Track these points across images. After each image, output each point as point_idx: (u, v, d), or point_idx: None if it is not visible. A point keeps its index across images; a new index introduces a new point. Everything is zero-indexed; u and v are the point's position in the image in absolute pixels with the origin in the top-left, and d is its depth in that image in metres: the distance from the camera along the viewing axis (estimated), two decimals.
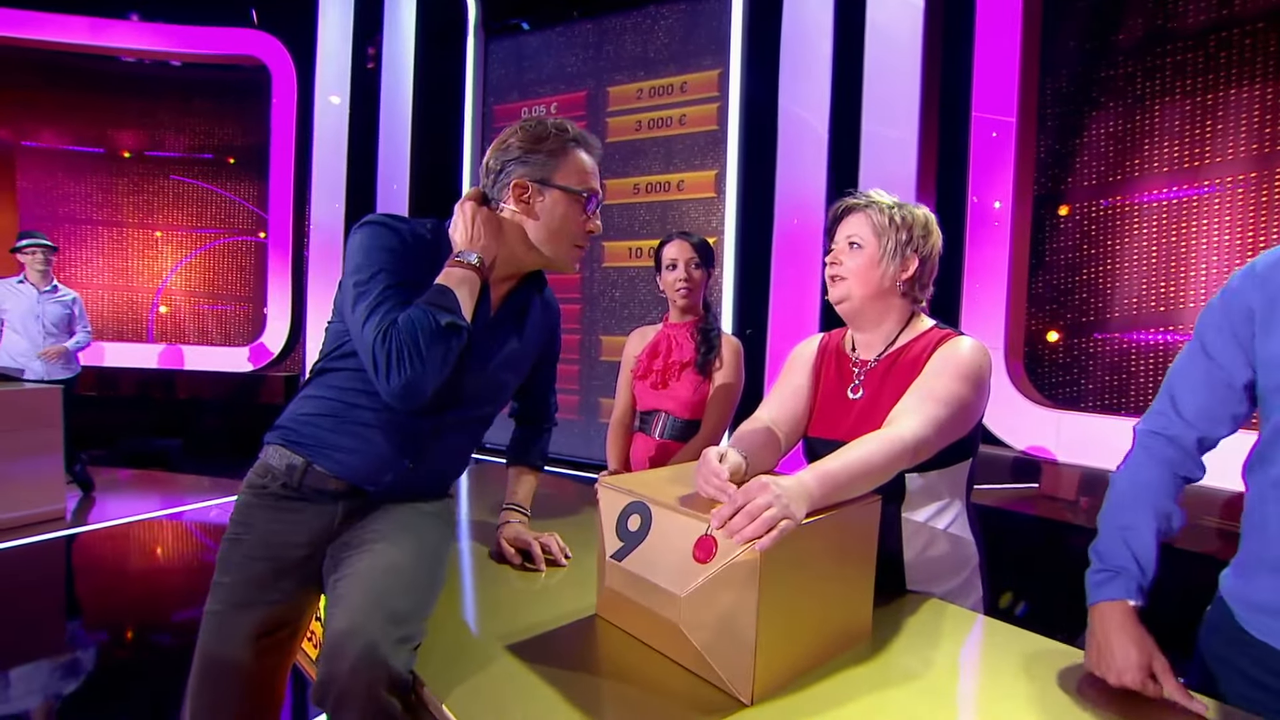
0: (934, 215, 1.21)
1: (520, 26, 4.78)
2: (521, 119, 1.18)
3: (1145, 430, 0.99)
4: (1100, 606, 0.91)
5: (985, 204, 3.36)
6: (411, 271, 1.09)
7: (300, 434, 1.13)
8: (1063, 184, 3.58)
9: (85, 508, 4.12)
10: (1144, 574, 0.91)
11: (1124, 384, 3.44)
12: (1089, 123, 3.50)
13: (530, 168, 1.13)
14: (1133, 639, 0.86)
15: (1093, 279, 3.53)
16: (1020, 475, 3.28)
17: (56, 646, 2.60)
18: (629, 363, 1.98)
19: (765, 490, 0.81)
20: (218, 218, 6.40)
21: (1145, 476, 0.96)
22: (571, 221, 1.17)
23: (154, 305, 6.37)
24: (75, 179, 6.31)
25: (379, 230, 1.10)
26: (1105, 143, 3.48)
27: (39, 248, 3.97)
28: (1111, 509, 0.97)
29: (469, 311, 1.08)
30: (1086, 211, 3.55)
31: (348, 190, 5.20)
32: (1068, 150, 3.55)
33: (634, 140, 4.34)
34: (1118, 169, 3.46)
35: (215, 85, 6.15)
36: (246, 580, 1.08)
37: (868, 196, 1.20)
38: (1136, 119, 3.37)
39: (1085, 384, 3.50)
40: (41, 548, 3.48)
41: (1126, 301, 3.44)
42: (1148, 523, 0.92)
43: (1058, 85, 3.51)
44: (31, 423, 3.64)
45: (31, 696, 2.22)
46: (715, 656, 0.86)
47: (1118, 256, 3.46)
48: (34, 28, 5.75)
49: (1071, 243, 3.58)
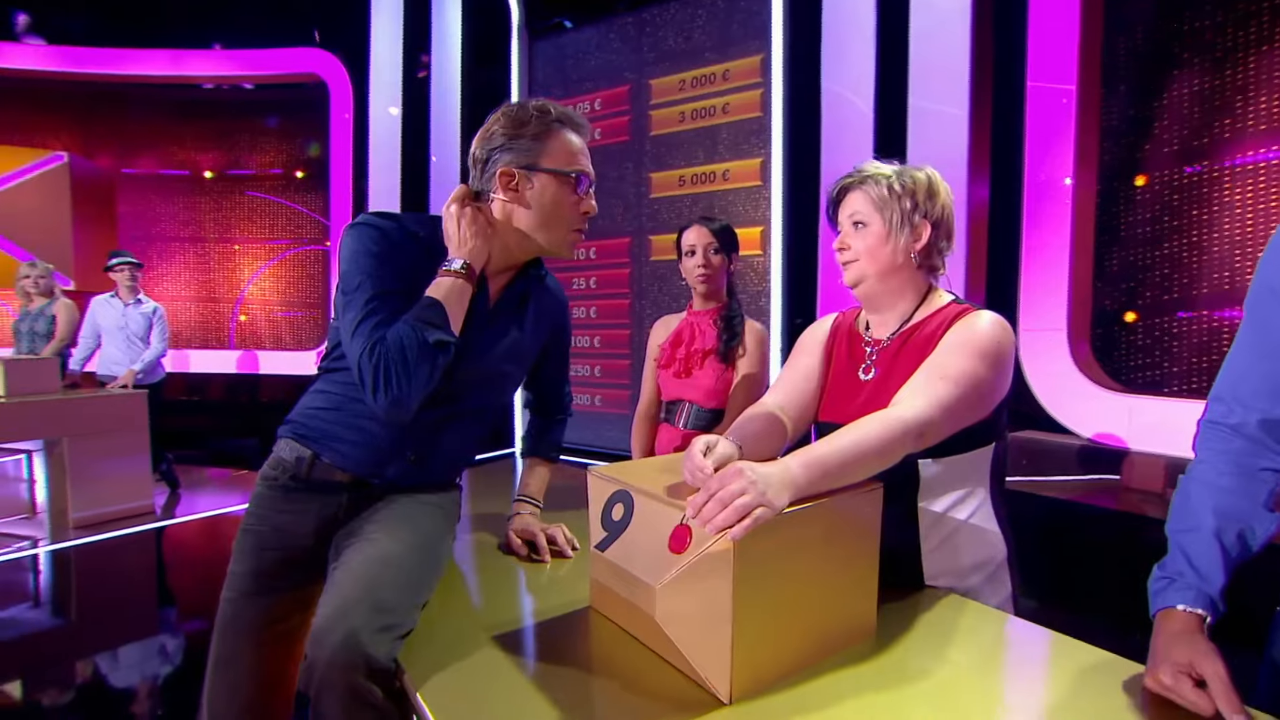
0: (937, 173, 1.12)
1: (562, 24, 4.81)
2: (504, 105, 1.16)
3: (1203, 423, 0.89)
4: (1158, 616, 0.82)
5: (1044, 179, 3.14)
6: (400, 274, 1.08)
7: (308, 428, 1.16)
8: (1138, 152, 3.30)
9: (172, 504, 4.43)
10: (1203, 579, 0.80)
11: (1215, 366, 3.14)
12: (1169, 82, 3.21)
13: (516, 154, 1.11)
14: (1181, 642, 0.76)
15: (1175, 253, 3.24)
16: (1091, 466, 3.05)
17: (149, 629, 2.82)
18: (653, 352, 1.95)
19: (739, 476, 0.77)
20: (288, 229, 6.77)
21: (1204, 474, 0.85)
22: (564, 205, 1.15)
23: (234, 314, 6.80)
24: (165, 200, 6.82)
25: (364, 233, 1.10)
26: (1189, 103, 3.18)
27: (126, 265, 4.32)
28: (1171, 514, 0.87)
29: (458, 323, 1.07)
30: (1167, 180, 3.26)
31: (402, 197, 5.38)
32: (1143, 115, 3.27)
33: (677, 132, 4.29)
34: (1204, 131, 3.16)
35: (282, 104, 6.52)
36: (258, 569, 1.12)
37: (862, 171, 1.12)
38: (1227, 74, 3.07)
39: (1168, 366, 3.21)
40: (133, 539, 3.76)
41: (1216, 276, 3.14)
42: (1206, 524, 0.82)
43: (1131, 43, 3.23)
44: (120, 426, 3.96)
45: (129, 673, 2.42)
46: (692, 651, 0.82)
47: (1206, 227, 3.16)
48: (125, 64, 6.25)
49: (1150, 215, 3.29)
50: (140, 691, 2.30)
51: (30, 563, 3.45)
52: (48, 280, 4.41)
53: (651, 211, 4.40)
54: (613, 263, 4.57)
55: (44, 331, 4.34)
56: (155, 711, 2.20)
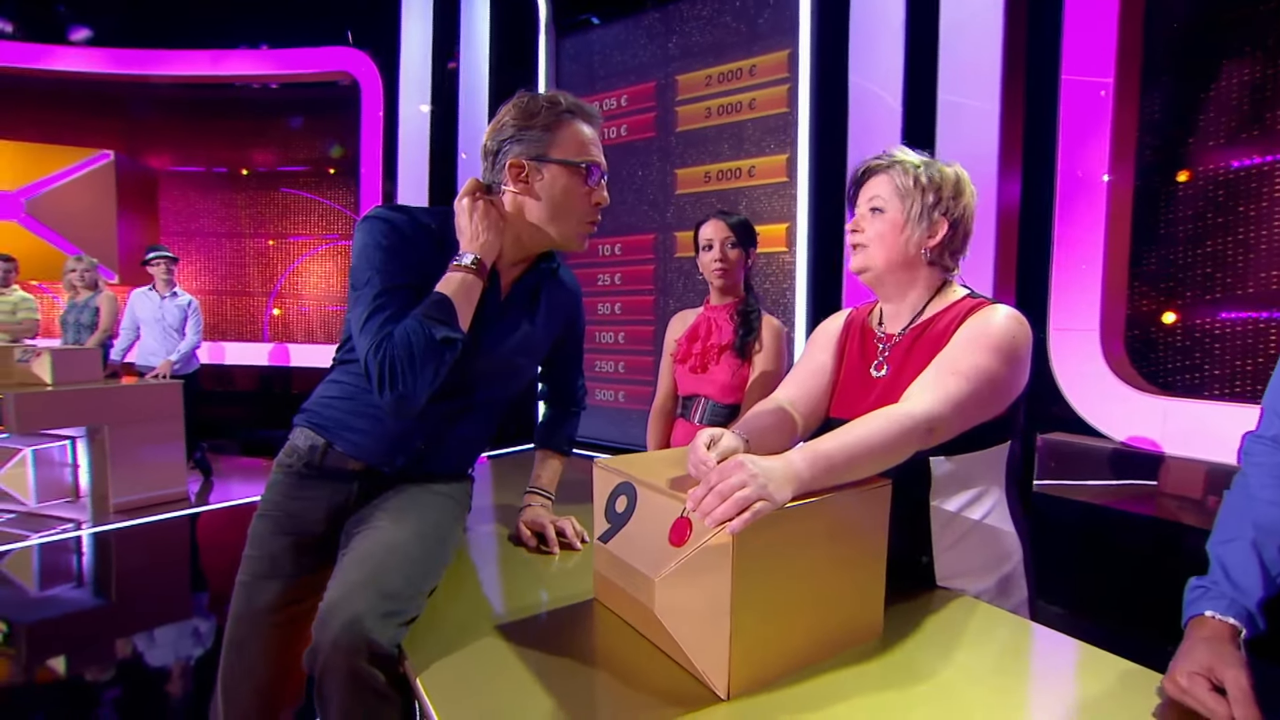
0: (965, 173, 1.09)
1: (590, 21, 4.82)
2: (515, 96, 1.16)
3: (1249, 437, 0.86)
4: (1189, 624, 0.80)
5: (1078, 174, 3.04)
6: (410, 268, 1.08)
7: (322, 416, 1.18)
8: (1180, 147, 3.17)
9: (206, 491, 4.57)
10: (1239, 590, 0.78)
11: (1259, 369, 3.02)
12: (1215, 73, 3.08)
13: (526, 145, 1.11)
14: (1205, 647, 0.73)
15: (1220, 252, 3.11)
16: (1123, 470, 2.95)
17: (182, 611, 2.92)
18: (670, 347, 1.94)
19: (740, 469, 0.76)
20: (321, 225, 6.91)
21: (1247, 485, 0.84)
22: (574, 196, 1.14)
23: (268, 307, 6.96)
24: (204, 197, 7.01)
25: (374, 227, 1.10)
26: (1238, 94, 3.05)
27: (162, 259, 4.46)
28: (1214, 529, 0.85)
29: (467, 319, 1.08)
30: (1212, 176, 3.13)
31: (430, 193, 5.45)
32: (1186, 108, 3.15)
33: (704, 128, 4.27)
34: (1253, 124, 3.03)
35: (315, 102, 6.64)
36: (271, 554, 1.14)
37: (891, 156, 1.10)
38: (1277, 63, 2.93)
39: (1208, 369, 3.09)
40: (168, 525, 3.89)
41: (1264, 275, 3.01)
42: (1245, 535, 0.80)
43: (1171, 34, 3.11)
44: (156, 415, 4.09)
45: (163, 652, 2.51)
46: (690, 646, 0.82)
47: (1253, 224, 3.03)
48: (167, 64, 6.44)
49: (1192, 212, 3.16)
50: (174, 670, 2.38)
51: (74, 544, 3.59)
52: (92, 274, 4.57)
53: (677, 208, 4.39)
54: (637, 259, 4.57)
55: (88, 323, 4.51)
56: (187, 688, 2.27)
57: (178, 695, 2.24)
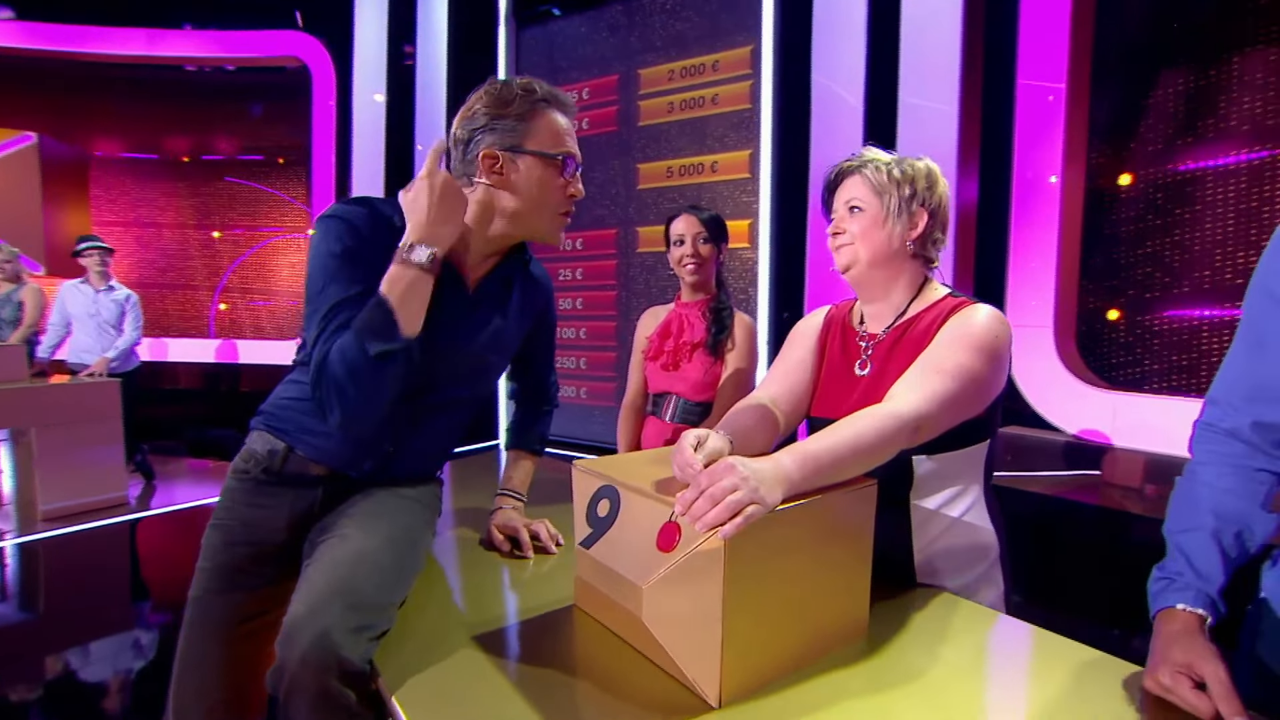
0: (936, 165, 1.10)
1: (551, 12, 4.74)
2: (487, 82, 1.12)
3: (1200, 424, 0.88)
4: (1158, 617, 0.81)
5: (1032, 176, 3.14)
6: (371, 271, 0.99)
7: (282, 419, 1.12)
8: (1123, 151, 3.31)
9: (147, 494, 4.34)
10: (1203, 579, 0.80)
11: (1194, 363, 3.17)
12: (1156, 81, 3.21)
13: (500, 135, 1.07)
14: (1180, 642, 0.75)
15: (1159, 252, 3.26)
16: (1075, 461, 3.07)
17: (121, 624, 2.75)
18: (640, 343, 1.92)
19: (731, 472, 0.74)
20: (270, 216, 6.64)
21: (1203, 475, 0.85)
22: (550, 189, 1.10)
23: (214, 302, 6.66)
24: (142, 185, 6.65)
25: (330, 228, 1.02)
26: (1174, 103, 3.19)
27: (96, 250, 4.19)
28: (1169, 515, 0.87)
29: (418, 320, 0.97)
30: (1152, 179, 3.27)
31: (386, 186, 5.29)
32: (1129, 114, 3.28)
33: (666, 122, 4.25)
34: (1188, 131, 3.17)
35: (263, 88, 6.37)
36: (227, 566, 1.08)
37: (862, 156, 1.10)
38: (1213, 74, 3.08)
39: (1149, 364, 3.24)
40: (105, 532, 3.67)
41: (1198, 275, 3.16)
42: (1205, 524, 0.82)
43: (1121, 42, 3.23)
44: (91, 415, 3.86)
45: (99, 669, 2.35)
46: (680, 653, 0.79)
47: (1188, 226, 3.18)
48: (98, 42, 6.07)
49: (1134, 214, 3.30)
50: (110, 688, 2.23)
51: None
52: (14, 265, 4.28)
53: (639, 202, 4.36)
54: (599, 254, 4.52)
55: (10, 318, 4.22)
56: (125, 709, 2.14)
57: (115, 713, 2.11)
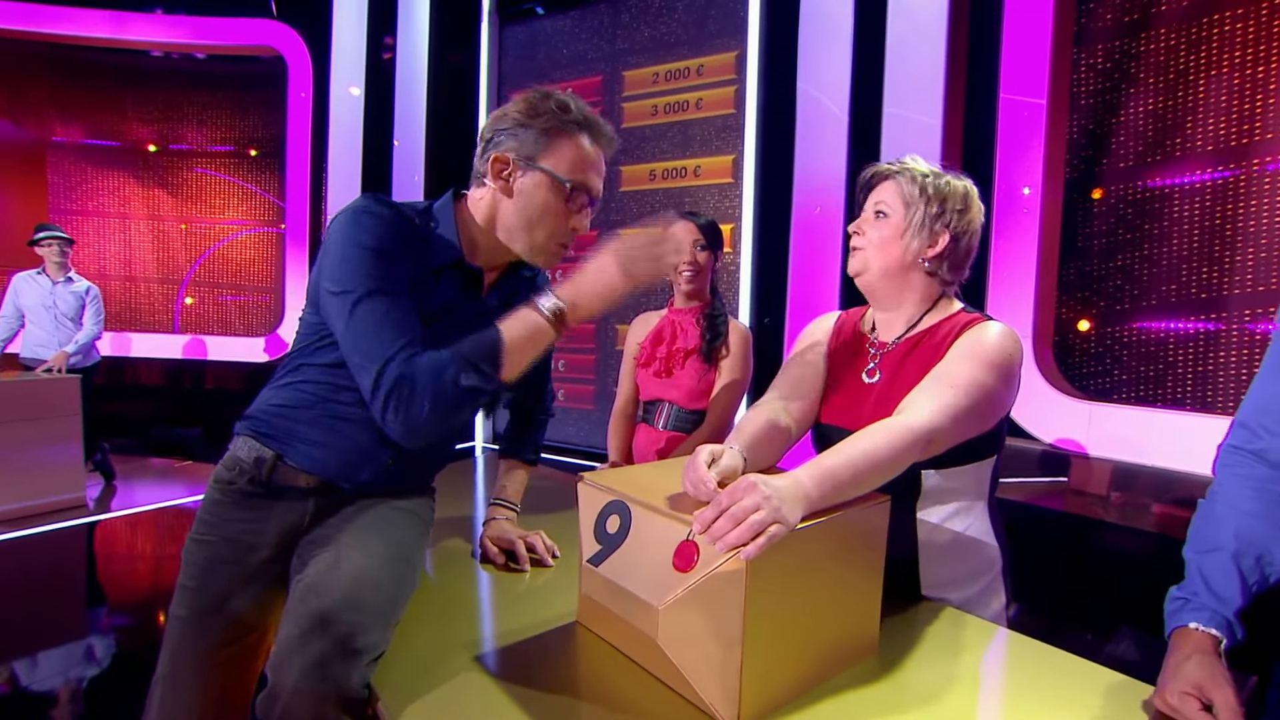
0: (975, 188, 1.09)
1: (534, 11, 4.69)
2: (533, 88, 1.06)
3: (1225, 447, 0.88)
4: (1172, 636, 0.81)
5: (1013, 189, 3.20)
6: (399, 270, 0.96)
7: (271, 425, 1.06)
8: (1097, 166, 3.39)
9: (107, 496, 4.17)
10: (1220, 601, 0.79)
11: (1162, 374, 3.26)
12: (1126, 100, 3.31)
13: (519, 142, 1.03)
14: (1194, 662, 0.75)
15: (1129, 265, 3.35)
16: (1047, 469, 3.13)
17: (77, 631, 2.63)
18: (632, 350, 1.89)
19: (753, 491, 0.72)
20: (241, 209, 6.44)
21: (1226, 496, 0.85)
22: (550, 213, 1.05)
23: (179, 296, 6.45)
24: (103, 174, 6.39)
25: (365, 224, 0.95)
26: (1144, 121, 3.28)
27: (55, 240, 4.01)
28: (1190, 536, 0.87)
29: (519, 371, 0.97)
30: (1122, 194, 3.36)
31: (363, 181, 5.17)
32: (1103, 131, 3.36)
33: (650, 125, 4.24)
34: (1156, 149, 3.26)
35: (236, 77, 6.18)
36: (212, 586, 1.02)
37: (902, 163, 1.09)
38: (1179, 95, 3.17)
39: (1119, 375, 3.32)
40: (63, 534, 3.52)
41: (1165, 289, 3.26)
42: (1225, 546, 0.81)
43: (1093, 61, 3.31)
44: (50, 412, 3.69)
45: (53, 679, 2.24)
46: (696, 676, 0.77)
47: (1156, 241, 3.27)
48: (59, 22, 5.82)
49: (1106, 227, 3.39)
50: (61, 697, 2.13)
51: None
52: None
53: (621, 205, 4.33)
54: (579, 256, 4.45)
55: None
56: (77, 712, 2.04)
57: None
